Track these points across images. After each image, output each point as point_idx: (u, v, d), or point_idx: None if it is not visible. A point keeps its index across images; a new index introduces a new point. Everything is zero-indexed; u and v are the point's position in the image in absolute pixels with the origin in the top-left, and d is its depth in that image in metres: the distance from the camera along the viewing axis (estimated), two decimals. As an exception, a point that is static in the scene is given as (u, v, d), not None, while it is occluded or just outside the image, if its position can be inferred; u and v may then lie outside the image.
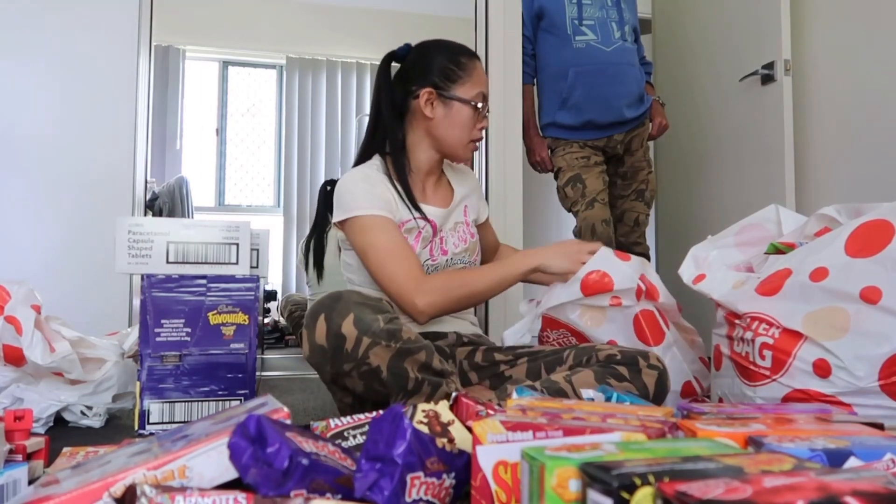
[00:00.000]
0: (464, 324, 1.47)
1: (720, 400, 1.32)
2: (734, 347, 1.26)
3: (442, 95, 1.41)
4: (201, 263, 1.37)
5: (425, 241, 1.41)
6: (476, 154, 2.55)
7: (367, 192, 1.36)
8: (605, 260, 1.37)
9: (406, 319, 1.30)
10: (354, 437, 0.83)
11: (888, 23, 2.05)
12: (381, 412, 0.71)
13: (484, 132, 1.48)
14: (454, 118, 1.41)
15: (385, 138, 1.46)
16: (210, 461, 0.62)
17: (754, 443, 0.64)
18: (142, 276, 1.32)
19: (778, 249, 1.30)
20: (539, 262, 1.34)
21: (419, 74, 1.43)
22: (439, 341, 1.39)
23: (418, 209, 1.40)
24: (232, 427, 0.62)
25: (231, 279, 1.35)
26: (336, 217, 1.39)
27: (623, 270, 1.37)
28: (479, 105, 1.43)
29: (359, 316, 1.08)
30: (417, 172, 1.47)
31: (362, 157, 1.47)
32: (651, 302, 1.47)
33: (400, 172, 1.42)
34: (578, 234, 2.27)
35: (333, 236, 2.44)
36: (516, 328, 1.50)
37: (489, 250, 1.65)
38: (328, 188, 2.52)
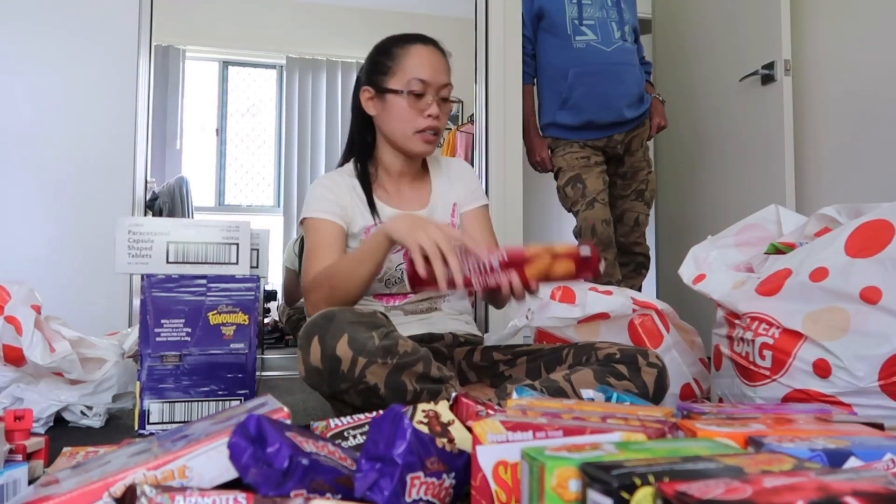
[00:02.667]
0: (458, 324, 1.46)
1: (720, 400, 1.32)
2: (734, 347, 1.26)
3: (377, 90, 1.39)
4: (201, 263, 1.37)
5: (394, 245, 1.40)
6: (476, 154, 2.55)
7: (320, 197, 1.38)
8: (597, 300, 1.45)
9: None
10: (354, 437, 0.83)
11: (888, 23, 2.05)
12: (381, 412, 0.71)
13: (435, 120, 1.37)
14: (390, 111, 1.38)
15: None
16: (210, 461, 0.62)
17: (754, 443, 0.64)
18: (142, 276, 1.32)
19: (778, 249, 1.31)
20: (387, 232, 1.17)
21: (362, 75, 1.44)
22: (436, 343, 1.38)
23: (376, 214, 1.39)
24: (232, 427, 0.62)
25: (231, 279, 1.35)
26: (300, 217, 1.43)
27: (615, 301, 1.45)
28: (417, 92, 1.35)
29: (353, 336, 1.07)
30: (388, 174, 1.45)
31: (342, 162, 1.50)
32: (648, 309, 1.50)
33: (363, 177, 1.42)
34: (578, 233, 2.27)
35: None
36: (501, 337, 1.53)
37: None
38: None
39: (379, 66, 1.40)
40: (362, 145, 1.46)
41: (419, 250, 1.07)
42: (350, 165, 1.46)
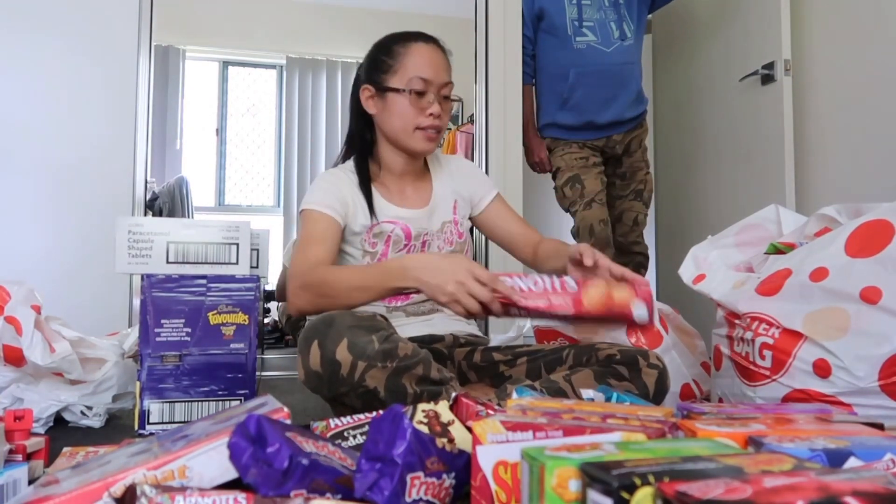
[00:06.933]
0: (459, 325, 1.46)
1: (720, 400, 1.32)
2: (734, 347, 1.26)
3: (378, 89, 1.38)
4: (201, 263, 1.37)
5: (397, 244, 1.39)
6: (476, 154, 2.55)
7: (322, 190, 1.37)
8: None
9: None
10: (354, 437, 0.83)
11: (888, 23, 2.05)
12: (381, 412, 0.71)
13: (437, 119, 1.36)
14: (391, 109, 1.36)
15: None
16: (210, 461, 0.62)
17: (754, 443, 0.64)
18: (142, 276, 1.32)
19: (778, 249, 1.31)
20: (410, 286, 1.13)
21: (362, 73, 1.42)
22: (436, 344, 1.38)
23: (374, 214, 1.38)
24: (232, 427, 0.62)
25: (231, 279, 1.35)
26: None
27: None
28: (419, 91, 1.34)
29: (352, 340, 1.07)
30: (390, 173, 1.44)
31: (341, 160, 1.49)
32: None
33: (362, 177, 1.40)
34: (576, 234, 2.28)
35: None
36: (505, 338, 1.53)
37: (513, 244, 1.50)
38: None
39: (379, 64, 1.38)
40: (362, 144, 1.45)
41: (454, 304, 1.08)
42: (351, 163, 1.44)
